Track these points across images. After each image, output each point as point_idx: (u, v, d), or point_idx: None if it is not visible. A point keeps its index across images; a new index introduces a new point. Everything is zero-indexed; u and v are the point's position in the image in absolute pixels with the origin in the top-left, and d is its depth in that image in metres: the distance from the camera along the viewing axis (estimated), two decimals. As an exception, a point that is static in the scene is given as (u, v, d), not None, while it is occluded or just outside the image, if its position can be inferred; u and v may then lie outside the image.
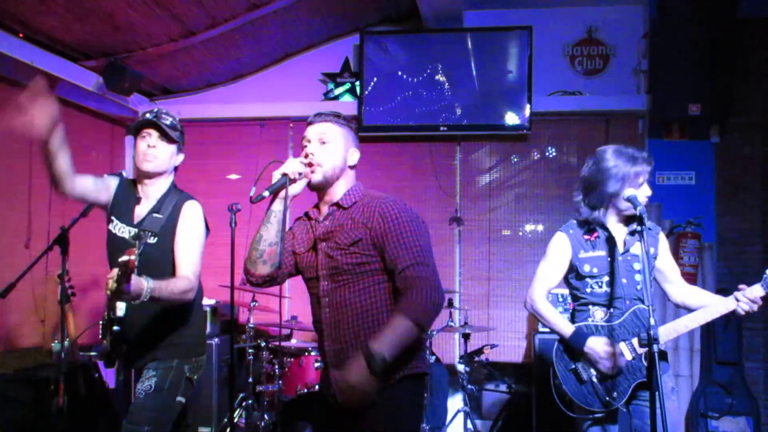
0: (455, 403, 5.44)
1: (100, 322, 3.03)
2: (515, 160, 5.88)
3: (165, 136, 3.04)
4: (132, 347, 2.98)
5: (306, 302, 2.63)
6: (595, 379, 3.00)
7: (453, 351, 5.77)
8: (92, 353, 4.89)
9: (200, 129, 6.19)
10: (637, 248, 3.01)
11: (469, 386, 5.01)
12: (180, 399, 3.05)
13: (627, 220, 3.08)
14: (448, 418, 5.09)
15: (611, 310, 3.02)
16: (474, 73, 5.65)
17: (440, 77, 5.69)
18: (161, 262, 2.99)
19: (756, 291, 2.92)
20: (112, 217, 3.11)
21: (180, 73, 5.85)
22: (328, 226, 2.49)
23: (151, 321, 2.99)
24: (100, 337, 3.03)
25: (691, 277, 5.08)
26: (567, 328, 3.07)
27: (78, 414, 4.34)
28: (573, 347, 3.03)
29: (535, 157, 5.84)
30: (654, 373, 2.55)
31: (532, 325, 5.58)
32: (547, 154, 5.82)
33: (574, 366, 3.06)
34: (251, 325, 4.97)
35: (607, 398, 2.95)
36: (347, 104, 5.94)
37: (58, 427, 4.22)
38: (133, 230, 3.02)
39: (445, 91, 5.68)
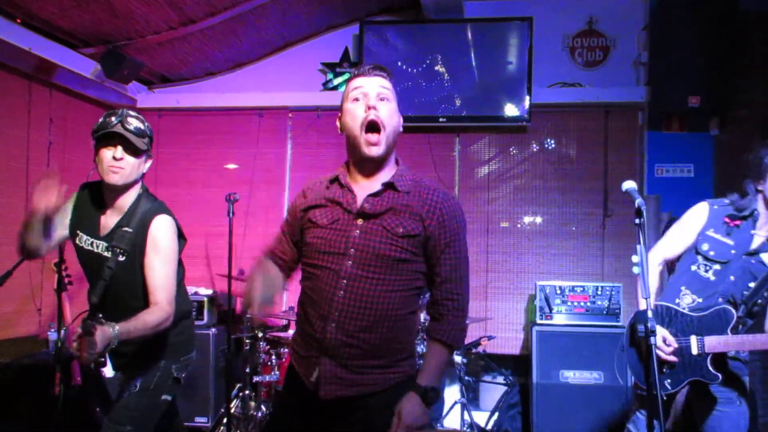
0: (452, 394, 5.43)
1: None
2: (514, 152, 5.86)
3: (132, 147, 2.79)
4: (125, 352, 2.84)
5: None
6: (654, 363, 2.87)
7: (450, 342, 5.76)
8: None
9: (199, 118, 6.18)
10: None
11: (467, 378, 5.01)
12: (165, 397, 2.98)
13: None
14: (445, 409, 5.09)
15: (701, 300, 2.96)
16: (474, 64, 5.63)
17: (440, 68, 5.67)
18: (131, 282, 2.83)
19: None
20: (77, 231, 2.89)
21: (179, 62, 5.82)
22: (376, 204, 2.18)
23: None
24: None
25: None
26: (643, 303, 2.89)
27: (74, 402, 4.34)
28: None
29: (535, 149, 5.83)
30: (651, 367, 2.55)
31: (530, 317, 5.59)
32: (546, 146, 5.81)
33: (640, 338, 2.90)
34: (248, 316, 4.97)
35: (660, 385, 2.85)
36: (346, 94, 5.92)
37: (54, 416, 4.22)
38: (102, 243, 2.83)
39: (445, 82, 5.66)
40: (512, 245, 5.81)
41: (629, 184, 2.97)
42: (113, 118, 2.78)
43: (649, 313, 2.60)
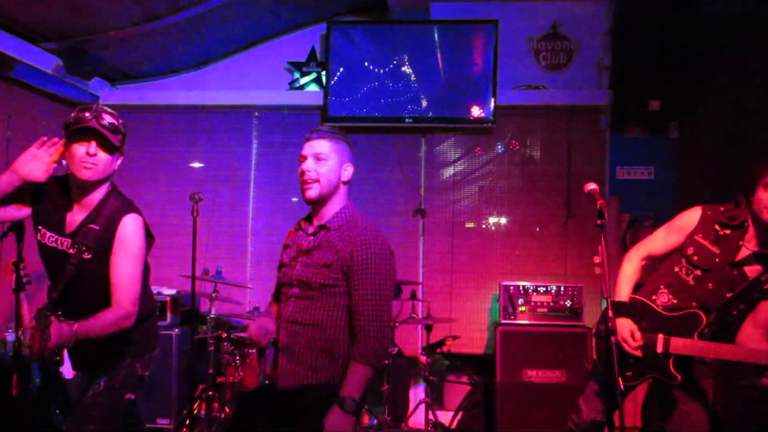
0: (417, 394, 5.47)
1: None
2: (479, 153, 5.91)
3: (106, 143, 2.74)
4: (83, 351, 2.81)
5: (268, 294, 2.89)
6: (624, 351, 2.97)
7: (415, 342, 5.79)
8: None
9: (163, 116, 6.11)
10: (753, 271, 2.92)
11: (431, 377, 5.04)
12: (130, 397, 2.94)
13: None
14: (410, 409, 5.11)
15: (676, 301, 3.02)
16: (440, 65, 5.66)
17: (407, 69, 5.69)
18: (95, 280, 2.79)
19: None
20: (40, 227, 2.85)
21: (142, 58, 5.74)
22: (312, 242, 2.69)
23: None
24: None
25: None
26: (619, 295, 3.05)
27: (32, 405, 4.25)
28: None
29: (499, 151, 5.88)
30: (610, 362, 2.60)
31: (494, 317, 5.63)
32: (510, 147, 5.87)
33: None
34: (212, 316, 4.92)
35: (622, 376, 2.95)
36: (313, 94, 5.91)
37: (12, 418, 4.14)
38: (67, 240, 2.78)
39: (411, 83, 5.68)
40: (477, 246, 5.85)
41: (591, 186, 3.02)
42: (87, 114, 2.70)
43: (610, 313, 2.66)
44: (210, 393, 4.78)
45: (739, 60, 5.39)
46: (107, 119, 2.74)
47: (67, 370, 2.79)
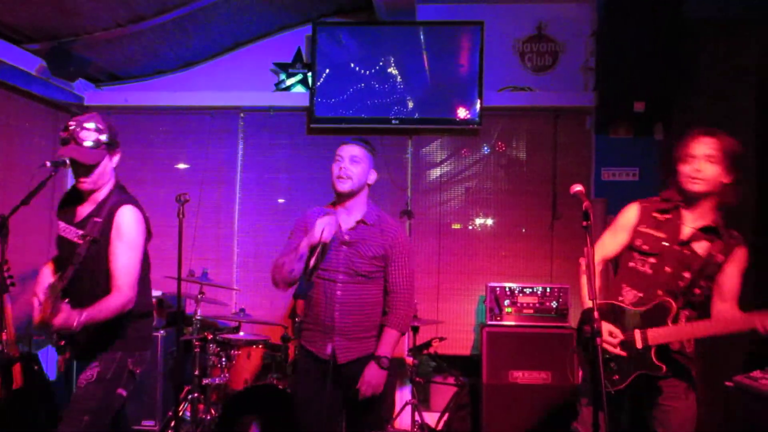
0: (403, 395, 5.47)
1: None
2: (466, 154, 5.93)
3: (87, 166, 2.97)
4: (79, 340, 3.00)
5: (254, 296, 2.96)
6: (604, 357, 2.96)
7: (401, 344, 5.78)
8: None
9: (148, 117, 6.08)
10: (701, 247, 2.96)
11: (417, 379, 5.04)
12: (121, 391, 3.03)
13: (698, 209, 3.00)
14: (396, 410, 5.11)
15: (642, 295, 3.03)
16: (426, 66, 5.67)
17: (393, 70, 5.70)
18: (96, 270, 2.99)
19: None
20: (59, 222, 3.12)
21: (128, 60, 5.72)
22: (354, 234, 3.24)
23: None
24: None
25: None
26: (587, 301, 3.05)
27: (16, 407, 4.22)
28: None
29: (486, 152, 5.90)
30: (596, 364, 2.61)
31: (480, 318, 5.65)
32: (497, 148, 5.89)
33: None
34: (198, 317, 4.90)
35: (608, 381, 2.97)
36: (299, 95, 5.90)
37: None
38: (75, 230, 3.03)
39: (398, 85, 5.69)
40: (463, 247, 5.87)
41: (577, 188, 3.04)
42: (65, 134, 2.94)
43: (596, 314, 2.67)
44: (196, 395, 4.75)
45: (724, 61, 5.43)
46: (87, 138, 2.94)
47: (51, 372, 2.82)
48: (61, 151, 2.95)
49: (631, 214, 3.19)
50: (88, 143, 2.95)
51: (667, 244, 3.00)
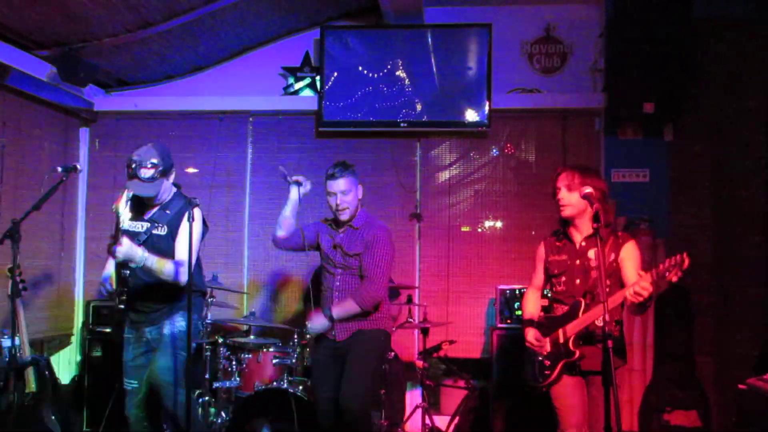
0: (413, 398, 5.46)
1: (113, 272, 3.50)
2: (475, 157, 5.92)
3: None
4: (136, 309, 3.75)
5: (265, 299, 3.87)
6: (539, 360, 3.54)
7: (412, 347, 5.78)
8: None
9: (158, 122, 6.10)
10: (594, 254, 3.42)
11: (428, 382, 5.03)
12: (193, 344, 3.72)
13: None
14: (406, 413, 5.10)
15: (567, 306, 3.50)
16: (434, 69, 5.67)
17: (401, 73, 5.70)
18: (166, 250, 3.62)
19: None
20: (122, 218, 3.50)
21: (137, 65, 5.74)
22: (344, 238, 3.97)
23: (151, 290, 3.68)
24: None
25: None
26: (525, 315, 3.81)
27: (28, 410, 4.25)
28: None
29: (494, 154, 5.89)
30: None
31: (490, 321, 5.63)
32: (505, 151, 5.87)
33: (527, 350, 3.62)
34: (208, 321, 4.91)
35: (540, 376, 3.51)
36: (307, 99, 5.91)
37: (7, 424, 4.12)
38: (146, 223, 3.68)
39: (406, 87, 5.69)
40: (473, 250, 5.85)
41: (587, 190, 3.04)
42: (130, 172, 3.60)
43: (606, 317, 2.70)
44: (206, 398, 4.76)
45: (733, 61, 5.42)
46: (145, 174, 3.56)
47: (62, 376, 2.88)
48: (128, 182, 3.59)
49: (540, 251, 3.75)
50: (146, 176, 3.55)
51: (569, 262, 3.53)
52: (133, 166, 3.58)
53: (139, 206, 3.74)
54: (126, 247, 3.34)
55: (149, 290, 3.68)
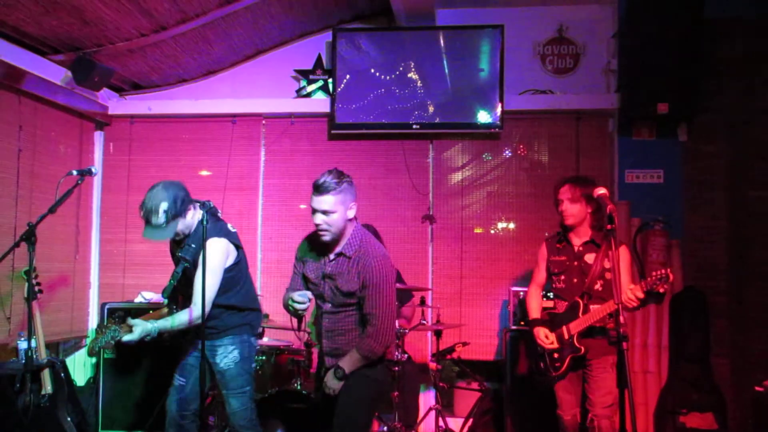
0: (427, 400, 5.45)
1: None
2: (487, 158, 5.91)
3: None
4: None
5: (278, 301, 3.58)
6: (547, 352, 3.97)
7: (425, 349, 5.78)
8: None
9: (171, 125, 6.15)
10: (590, 258, 3.92)
11: (441, 384, 5.02)
12: (254, 366, 3.95)
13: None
14: (420, 415, 5.10)
15: (567, 303, 3.95)
16: (446, 71, 5.66)
17: (413, 75, 5.70)
18: (190, 282, 3.54)
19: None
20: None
21: (150, 69, 5.78)
22: (334, 267, 3.36)
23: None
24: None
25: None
26: (531, 314, 4.18)
27: (44, 411, 4.28)
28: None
29: (507, 156, 5.88)
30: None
31: (504, 323, 5.62)
32: (518, 152, 5.86)
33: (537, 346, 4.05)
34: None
35: (552, 367, 3.94)
36: (320, 101, 5.93)
37: (23, 425, 4.15)
38: (180, 255, 3.64)
39: (418, 89, 5.69)
40: (486, 251, 5.84)
41: (600, 191, 3.04)
42: (142, 216, 3.55)
43: (621, 319, 2.73)
44: (220, 400, 4.77)
45: (747, 61, 5.38)
46: (155, 220, 3.49)
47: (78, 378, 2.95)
48: (144, 230, 3.54)
49: (543, 250, 4.17)
50: (158, 222, 3.48)
51: (568, 263, 3.97)
52: (143, 214, 3.53)
53: (176, 242, 3.77)
54: (137, 333, 3.31)
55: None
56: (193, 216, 3.66)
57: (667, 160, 5.60)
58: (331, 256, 3.37)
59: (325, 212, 3.23)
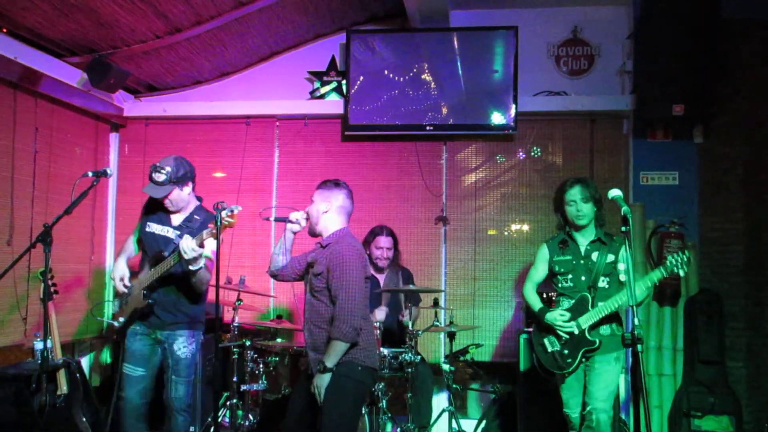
0: (440, 402, 5.45)
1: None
2: (501, 160, 5.89)
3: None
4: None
5: (290, 301, 3.55)
6: (556, 351, 4.04)
7: (438, 350, 5.77)
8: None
9: (185, 126, 6.17)
10: (595, 255, 4.05)
11: (454, 385, 5.01)
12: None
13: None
14: (433, 417, 5.09)
15: (572, 299, 4.06)
16: (460, 72, 5.66)
17: (426, 77, 5.70)
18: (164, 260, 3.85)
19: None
20: (148, 223, 4.05)
21: (165, 71, 5.81)
22: (314, 256, 3.70)
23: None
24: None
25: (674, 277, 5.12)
26: (535, 306, 4.23)
27: (59, 411, 4.31)
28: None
29: (521, 157, 5.86)
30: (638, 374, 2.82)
31: (517, 325, 5.60)
32: (532, 154, 5.84)
33: (542, 341, 4.13)
34: (236, 324, 4.94)
35: (563, 364, 4.00)
36: (334, 103, 5.93)
37: (39, 425, 4.19)
38: (173, 230, 3.98)
39: (432, 91, 5.69)
40: (499, 253, 5.83)
41: (615, 192, 3.03)
42: (149, 174, 3.93)
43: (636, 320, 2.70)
44: (234, 401, 4.79)
45: (764, 62, 5.33)
46: (158, 177, 3.87)
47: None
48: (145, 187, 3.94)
49: (544, 251, 4.24)
50: (158, 180, 3.85)
51: (574, 261, 4.07)
52: (150, 170, 3.91)
53: (164, 216, 4.05)
54: (191, 242, 3.62)
55: (173, 303, 4.00)
56: (189, 197, 4.04)
57: (683, 161, 5.57)
58: (315, 246, 3.79)
59: (312, 200, 3.79)
